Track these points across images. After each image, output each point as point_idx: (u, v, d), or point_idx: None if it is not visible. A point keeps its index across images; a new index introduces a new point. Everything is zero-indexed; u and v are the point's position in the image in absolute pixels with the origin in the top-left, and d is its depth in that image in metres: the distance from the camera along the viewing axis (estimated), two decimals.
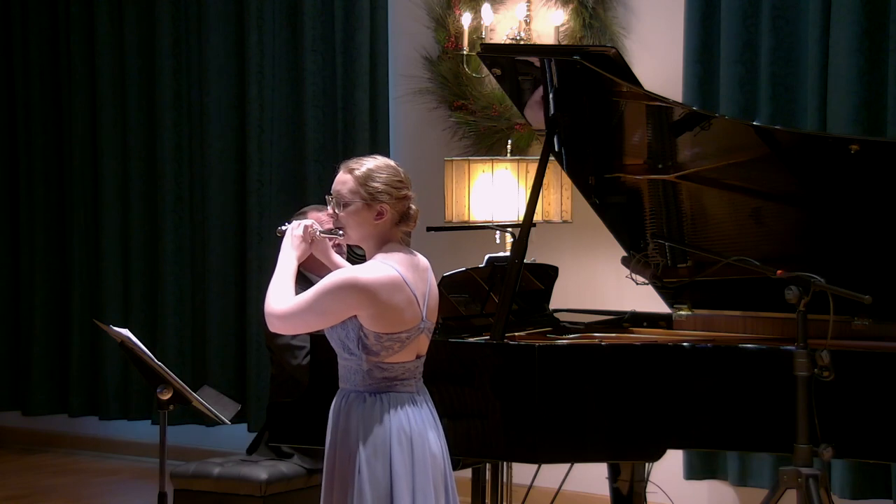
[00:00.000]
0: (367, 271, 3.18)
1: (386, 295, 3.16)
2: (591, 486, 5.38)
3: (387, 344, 3.19)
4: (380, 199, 3.22)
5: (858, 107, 5.02)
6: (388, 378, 3.23)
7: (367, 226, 3.24)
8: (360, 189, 3.22)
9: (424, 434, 3.24)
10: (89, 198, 7.40)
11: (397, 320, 3.19)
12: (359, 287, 3.15)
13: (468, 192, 5.36)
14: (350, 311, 3.17)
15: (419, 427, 3.24)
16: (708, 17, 5.43)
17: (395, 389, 3.24)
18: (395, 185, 3.25)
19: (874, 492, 5.08)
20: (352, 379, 3.26)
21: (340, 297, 3.16)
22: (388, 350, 3.20)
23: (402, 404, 3.23)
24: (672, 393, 3.85)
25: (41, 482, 6.87)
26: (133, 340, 3.98)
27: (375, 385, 3.23)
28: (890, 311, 4.05)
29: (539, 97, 4.33)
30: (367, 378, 3.23)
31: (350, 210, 3.24)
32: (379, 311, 3.16)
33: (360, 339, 3.18)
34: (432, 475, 3.23)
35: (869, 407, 3.73)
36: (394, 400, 3.22)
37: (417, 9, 6.38)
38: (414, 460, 3.21)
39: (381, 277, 3.16)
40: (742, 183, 4.21)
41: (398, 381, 3.24)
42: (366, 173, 3.23)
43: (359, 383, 3.24)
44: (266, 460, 4.96)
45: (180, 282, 7.09)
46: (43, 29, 7.54)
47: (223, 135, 6.93)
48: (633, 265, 4.57)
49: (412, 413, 3.24)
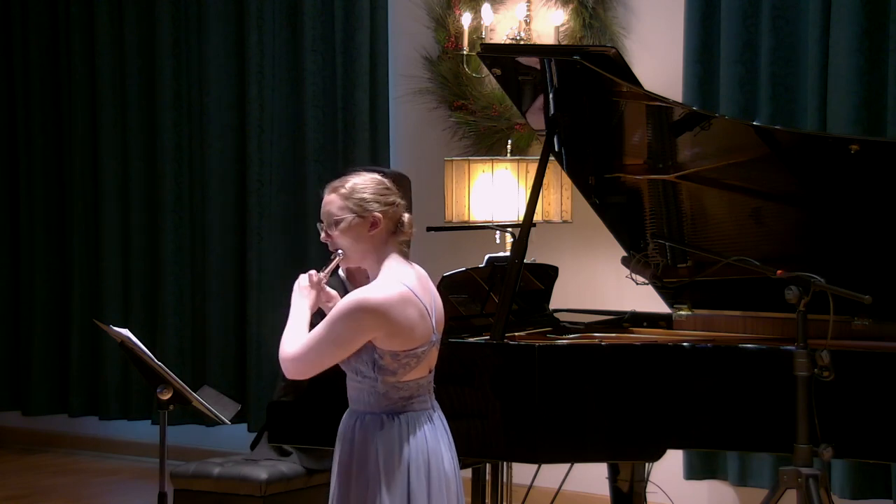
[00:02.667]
0: (376, 291, 3.10)
1: (399, 312, 3.07)
2: (591, 486, 5.38)
3: (404, 361, 3.11)
4: (370, 209, 3.15)
5: (858, 107, 5.02)
6: (404, 398, 3.15)
7: (363, 240, 3.17)
8: (348, 203, 3.15)
9: (439, 452, 3.19)
10: (89, 198, 7.40)
11: (412, 336, 3.11)
12: (370, 308, 3.06)
13: (468, 192, 5.36)
14: (366, 335, 3.07)
15: (434, 446, 3.18)
16: (708, 17, 5.43)
17: (412, 408, 3.16)
18: (382, 193, 3.18)
19: (874, 492, 5.08)
20: (365, 400, 3.17)
21: (353, 322, 3.06)
22: (405, 368, 3.12)
23: (421, 425, 3.16)
24: (672, 393, 3.84)
25: (41, 482, 6.87)
26: (133, 340, 3.97)
27: (392, 405, 3.15)
28: (890, 311, 4.05)
29: (539, 97, 4.33)
30: (382, 399, 3.14)
31: (343, 227, 3.16)
32: (394, 329, 3.08)
33: (375, 360, 3.10)
34: (446, 494, 3.19)
35: (869, 407, 3.73)
36: (412, 421, 3.15)
37: (417, 9, 6.38)
38: (430, 481, 3.15)
39: (391, 295, 3.08)
40: (742, 183, 4.21)
41: (414, 398, 3.17)
42: (350, 188, 3.17)
43: (374, 405, 3.16)
44: (266, 460, 4.96)
45: (180, 282, 7.09)
46: (43, 29, 7.54)
47: (223, 135, 6.93)
48: (633, 265, 4.57)
49: (429, 431, 3.18)
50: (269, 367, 6.64)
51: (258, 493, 4.85)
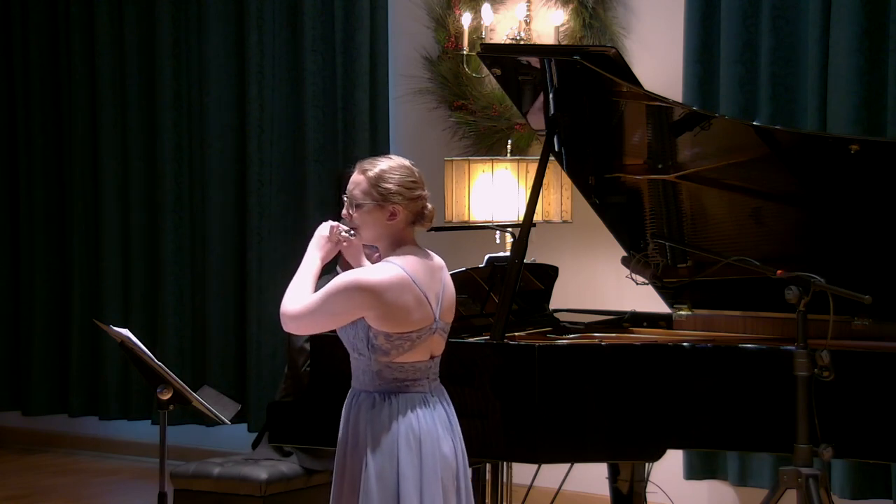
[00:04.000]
0: (373, 273, 3.19)
1: (392, 295, 3.16)
2: (591, 486, 5.38)
3: (397, 343, 3.19)
4: (392, 200, 3.22)
5: (858, 107, 5.02)
6: (398, 379, 3.23)
7: (379, 226, 3.25)
8: (372, 190, 3.22)
9: (435, 434, 3.23)
10: (89, 198, 7.39)
11: (406, 320, 3.19)
12: (363, 288, 3.16)
13: (468, 192, 5.36)
14: (358, 311, 3.18)
15: (429, 427, 3.22)
16: (708, 17, 5.43)
17: (406, 390, 3.23)
18: (408, 186, 3.24)
19: (874, 492, 5.08)
20: (362, 378, 3.27)
21: (347, 297, 3.17)
22: (398, 349, 3.20)
23: (413, 406, 3.22)
24: (672, 393, 3.85)
25: (41, 482, 6.87)
26: (133, 340, 3.97)
27: (386, 385, 3.23)
28: (890, 311, 4.05)
29: (539, 97, 4.33)
30: (377, 378, 3.23)
31: (362, 211, 3.24)
32: (385, 311, 3.16)
33: (370, 339, 3.19)
34: (442, 476, 3.22)
35: (869, 407, 3.73)
36: (403, 402, 3.22)
37: (417, 9, 6.37)
38: (423, 461, 3.20)
39: (386, 278, 3.17)
40: (742, 183, 4.21)
41: (409, 381, 3.23)
42: (378, 174, 3.23)
43: (368, 383, 3.25)
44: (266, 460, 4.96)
45: (180, 282, 7.09)
46: (43, 29, 7.53)
47: (223, 135, 6.93)
48: (633, 265, 4.57)
49: (422, 414, 3.23)
50: (269, 367, 6.64)
51: (258, 493, 4.84)
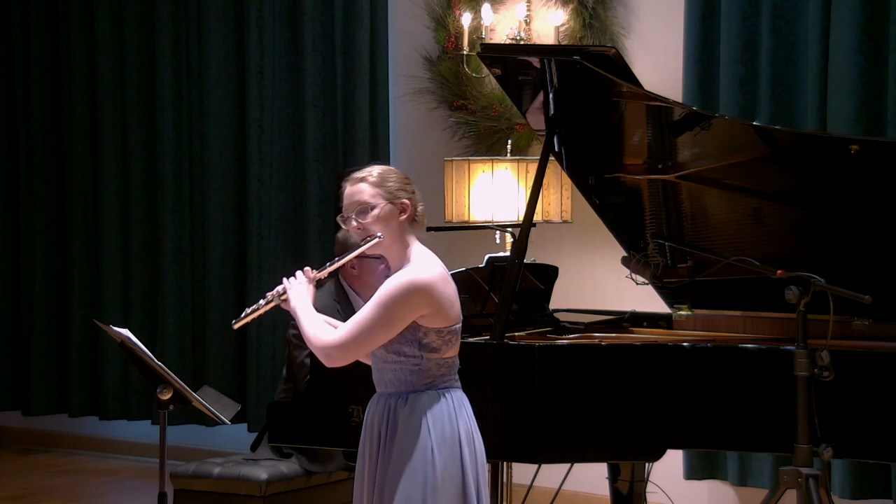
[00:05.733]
0: (421, 271, 3.19)
1: (443, 290, 3.19)
2: (591, 486, 5.38)
3: (447, 338, 3.21)
4: (399, 196, 3.25)
5: (858, 107, 5.02)
6: (444, 375, 3.24)
7: (393, 225, 3.25)
8: (380, 191, 3.24)
9: (478, 431, 3.29)
10: (89, 198, 7.40)
11: (452, 312, 3.22)
12: (420, 287, 3.15)
13: (468, 192, 5.36)
14: (416, 312, 3.16)
15: (476, 423, 3.28)
16: (708, 17, 5.43)
17: (453, 385, 3.25)
18: (407, 182, 3.29)
19: (874, 492, 5.08)
20: (404, 380, 3.22)
21: (405, 301, 3.15)
22: (448, 345, 3.22)
23: (464, 402, 3.26)
24: (672, 393, 3.84)
25: (41, 482, 6.87)
26: (133, 340, 3.98)
27: (433, 382, 3.22)
28: (890, 311, 4.05)
29: (539, 97, 4.33)
30: (424, 376, 3.21)
31: (376, 213, 3.23)
32: (439, 306, 3.18)
33: (420, 339, 3.18)
34: (482, 473, 3.27)
35: (869, 407, 3.73)
36: (458, 398, 3.25)
37: (417, 9, 6.38)
38: (476, 455, 3.25)
39: (435, 274, 3.20)
40: (742, 183, 4.21)
41: (448, 377, 3.26)
42: (379, 176, 3.26)
43: (415, 382, 3.22)
44: (266, 460, 4.96)
45: (180, 282, 7.09)
46: (43, 29, 7.54)
47: (223, 135, 6.93)
48: (633, 265, 4.57)
49: (469, 410, 3.27)
50: (269, 367, 6.64)
51: (258, 493, 4.85)
